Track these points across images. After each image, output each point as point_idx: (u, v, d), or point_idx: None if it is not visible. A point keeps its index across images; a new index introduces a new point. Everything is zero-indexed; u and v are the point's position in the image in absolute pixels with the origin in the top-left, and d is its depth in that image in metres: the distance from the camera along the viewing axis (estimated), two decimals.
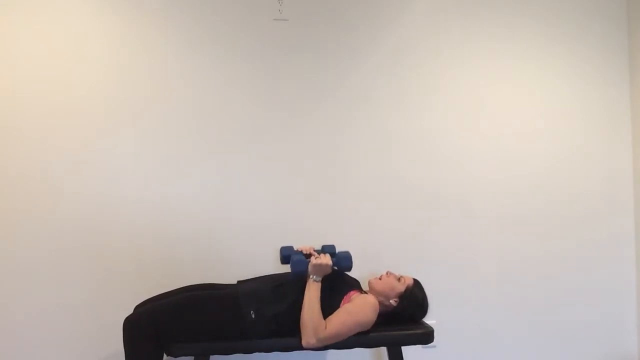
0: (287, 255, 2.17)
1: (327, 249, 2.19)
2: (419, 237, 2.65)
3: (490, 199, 2.72)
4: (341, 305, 2.04)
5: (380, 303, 2.11)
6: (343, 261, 2.09)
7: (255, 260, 2.51)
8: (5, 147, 2.33)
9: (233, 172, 2.51)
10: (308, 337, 1.96)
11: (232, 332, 1.99)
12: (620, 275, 2.84)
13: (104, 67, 2.42)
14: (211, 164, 2.50)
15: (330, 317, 2.01)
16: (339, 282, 2.10)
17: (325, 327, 1.97)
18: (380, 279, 2.19)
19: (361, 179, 2.60)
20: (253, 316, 1.98)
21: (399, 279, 2.18)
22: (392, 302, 2.13)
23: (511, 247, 2.74)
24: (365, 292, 2.17)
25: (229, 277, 2.42)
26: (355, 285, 2.19)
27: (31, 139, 2.35)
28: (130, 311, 2.09)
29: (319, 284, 2.03)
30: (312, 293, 2.01)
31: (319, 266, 2.02)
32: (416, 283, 2.20)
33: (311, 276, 2.03)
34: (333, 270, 2.10)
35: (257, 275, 2.36)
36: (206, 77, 2.51)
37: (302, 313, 1.99)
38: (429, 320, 2.22)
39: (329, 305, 2.04)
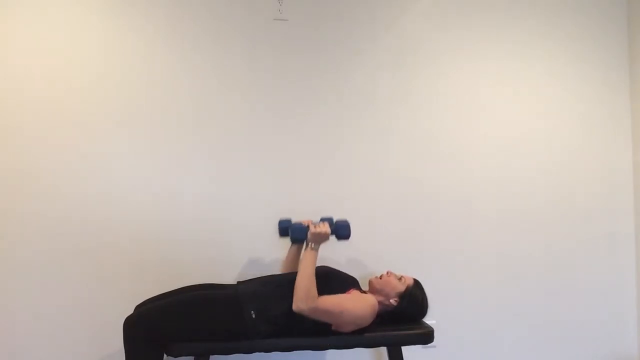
0: (285, 227, 2.19)
1: (325, 220, 2.18)
2: (419, 237, 2.65)
3: (491, 199, 2.73)
4: None
5: (380, 303, 2.11)
6: (341, 230, 2.13)
7: (255, 260, 2.51)
8: (5, 147, 2.33)
9: (233, 172, 2.51)
10: (299, 301, 1.96)
11: (233, 332, 1.99)
12: (620, 275, 2.85)
13: (102, 67, 2.42)
14: (211, 163, 2.50)
15: (327, 295, 2.01)
16: (337, 282, 2.10)
17: (318, 299, 1.97)
18: (380, 278, 2.19)
19: (361, 179, 2.60)
20: (253, 316, 1.98)
21: (399, 279, 2.18)
22: (392, 301, 2.13)
23: (511, 247, 2.74)
24: (364, 292, 2.17)
25: (229, 277, 2.42)
26: (354, 284, 2.20)
27: (31, 139, 2.35)
28: (131, 311, 2.09)
29: (317, 253, 2.06)
30: (309, 260, 2.03)
31: (317, 234, 2.05)
32: (416, 283, 2.20)
33: (310, 244, 2.06)
34: (331, 269, 2.10)
35: (257, 276, 2.37)
36: (206, 76, 2.50)
37: (297, 278, 2.01)
38: (428, 320, 2.22)
39: None
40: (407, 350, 2.24)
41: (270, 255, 2.52)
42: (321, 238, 2.07)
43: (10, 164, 2.33)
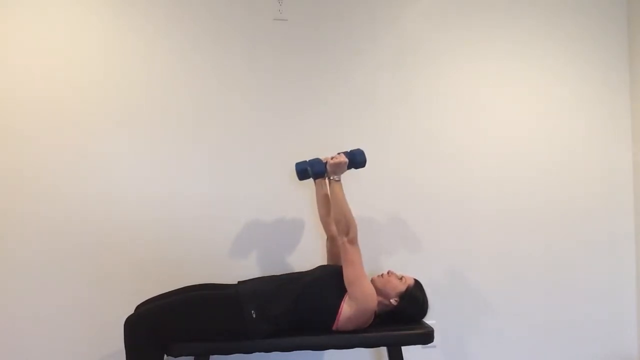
0: (303, 168, 2.23)
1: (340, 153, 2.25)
2: (419, 237, 2.65)
3: (491, 199, 2.73)
4: (342, 304, 2.04)
5: (380, 302, 2.12)
6: (357, 156, 2.19)
7: (255, 260, 2.51)
8: (5, 146, 2.33)
9: (234, 171, 2.51)
10: (344, 233, 2.05)
11: (233, 332, 1.99)
12: (620, 275, 2.85)
13: (102, 67, 2.42)
14: (211, 163, 2.50)
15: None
16: (339, 281, 2.09)
17: (357, 243, 2.07)
18: (382, 277, 2.19)
19: (361, 179, 2.60)
20: (254, 316, 1.98)
21: (400, 279, 2.18)
22: (393, 301, 2.13)
23: (511, 247, 2.74)
24: None
25: (229, 277, 2.42)
26: None
27: (31, 139, 2.35)
28: (131, 311, 2.09)
29: (341, 183, 2.13)
30: (338, 192, 2.12)
31: (336, 164, 2.13)
32: (417, 283, 2.20)
33: (331, 177, 2.13)
34: (336, 268, 2.11)
35: (258, 276, 2.37)
36: (206, 76, 2.51)
37: (333, 211, 2.11)
38: (428, 320, 2.22)
39: (328, 303, 2.04)
40: (407, 350, 2.24)
41: (270, 254, 2.52)
42: (340, 167, 2.13)
43: (10, 164, 2.33)
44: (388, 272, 2.21)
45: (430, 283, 2.30)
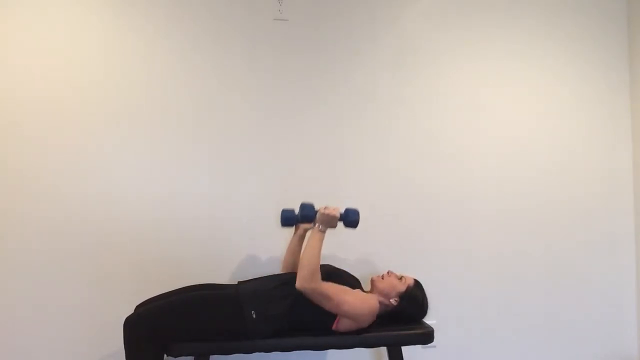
0: (289, 216, 2.18)
1: None
2: (419, 237, 2.65)
3: (491, 199, 2.73)
4: None
5: (380, 302, 2.12)
6: (351, 215, 2.12)
7: (255, 259, 2.51)
8: (5, 147, 2.33)
9: (234, 171, 2.51)
10: (302, 280, 1.97)
11: (233, 332, 1.99)
12: (620, 275, 2.85)
13: (102, 67, 2.42)
14: (212, 163, 2.50)
15: (332, 283, 2.03)
16: (339, 281, 2.09)
17: (322, 282, 1.99)
18: (382, 278, 2.19)
19: (362, 179, 2.60)
20: (254, 316, 1.98)
21: (400, 279, 2.18)
22: (393, 301, 2.14)
23: (511, 247, 2.74)
24: (367, 292, 2.17)
25: (229, 277, 2.42)
26: (356, 284, 2.20)
27: (31, 139, 2.35)
28: (131, 311, 2.09)
29: (324, 236, 2.05)
30: (316, 241, 2.03)
31: (327, 215, 2.05)
32: (417, 283, 2.20)
33: (317, 225, 2.06)
34: (334, 269, 2.10)
35: (258, 275, 2.37)
36: (206, 76, 2.51)
37: (302, 256, 2.04)
38: (428, 320, 2.22)
39: None
40: (407, 350, 2.24)
41: (270, 254, 2.52)
42: (330, 220, 2.06)
43: (10, 164, 2.33)
44: (388, 272, 2.21)
45: (430, 283, 2.30)
